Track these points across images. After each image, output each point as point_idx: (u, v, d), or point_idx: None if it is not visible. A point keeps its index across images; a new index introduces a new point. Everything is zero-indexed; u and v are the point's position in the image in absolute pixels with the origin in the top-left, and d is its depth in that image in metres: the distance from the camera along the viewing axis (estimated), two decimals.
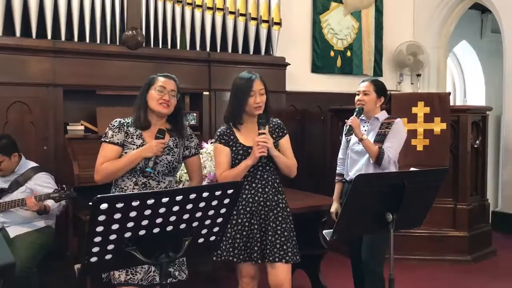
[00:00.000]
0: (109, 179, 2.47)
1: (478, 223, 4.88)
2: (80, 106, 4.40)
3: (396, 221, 2.08)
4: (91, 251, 1.49)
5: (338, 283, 4.05)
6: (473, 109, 5.00)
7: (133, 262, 1.58)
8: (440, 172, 2.17)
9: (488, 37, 7.92)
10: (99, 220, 1.44)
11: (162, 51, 4.65)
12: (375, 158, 2.95)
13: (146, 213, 1.50)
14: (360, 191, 1.95)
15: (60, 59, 4.13)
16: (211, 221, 1.69)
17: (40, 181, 3.49)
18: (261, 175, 2.61)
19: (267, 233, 2.57)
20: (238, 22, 5.05)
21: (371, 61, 6.38)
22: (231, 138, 2.61)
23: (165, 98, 2.49)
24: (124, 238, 1.52)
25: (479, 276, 4.40)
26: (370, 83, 3.10)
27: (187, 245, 1.64)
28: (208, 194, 1.60)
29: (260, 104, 2.56)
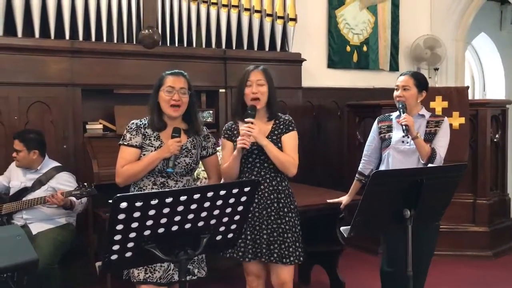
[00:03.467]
0: (130, 181, 2.49)
1: (498, 218, 4.83)
2: (98, 105, 4.46)
3: (414, 217, 2.06)
4: (112, 249, 1.51)
5: (356, 279, 4.05)
6: (492, 103, 4.92)
7: (153, 259, 1.60)
8: (458, 168, 2.14)
9: (507, 29, 7.78)
10: (119, 218, 1.46)
11: (178, 49, 4.68)
12: (427, 158, 2.79)
13: (164, 211, 1.52)
14: (378, 187, 1.94)
15: (78, 59, 4.18)
16: (228, 219, 1.70)
17: (63, 180, 3.55)
18: (264, 175, 2.58)
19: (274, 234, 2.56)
20: (254, 18, 5.05)
21: (387, 56, 6.33)
22: (234, 133, 2.62)
23: (175, 99, 2.47)
24: (143, 236, 1.54)
25: (500, 271, 4.34)
26: (410, 77, 2.89)
27: (205, 242, 1.66)
28: (225, 192, 1.62)
29: (257, 95, 2.51)
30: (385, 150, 3.00)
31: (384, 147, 3.01)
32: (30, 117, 3.99)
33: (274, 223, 2.57)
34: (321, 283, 3.92)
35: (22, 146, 3.46)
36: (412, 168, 2.70)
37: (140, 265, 2.19)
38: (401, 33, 6.43)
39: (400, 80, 2.93)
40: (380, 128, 3.05)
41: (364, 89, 6.03)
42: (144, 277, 2.39)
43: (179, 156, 2.48)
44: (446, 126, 2.95)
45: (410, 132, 2.77)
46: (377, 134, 3.07)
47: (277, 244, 2.55)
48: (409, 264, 2.10)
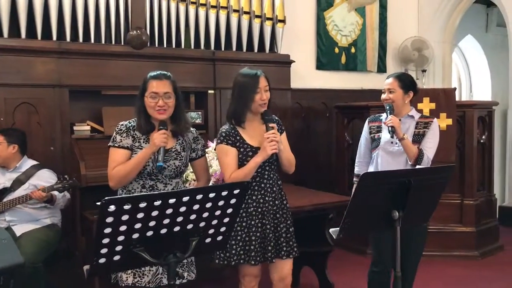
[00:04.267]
0: (123, 183, 2.44)
1: (485, 218, 4.88)
2: (86, 106, 4.43)
3: (402, 218, 2.07)
4: (100, 252, 1.50)
5: (345, 280, 4.06)
6: (479, 104, 4.97)
7: (141, 263, 1.59)
8: (446, 169, 2.16)
9: (493, 31, 7.87)
10: (107, 221, 1.45)
11: (167, 50, 4.66)
12: (414, 160, 2.82)
13: (153, 214, 1.51)
14: (366, 188, 1.95)
15: (65, 60, 4.15)
16: (218, 221, 1.70)
17: (44, 177, 3.54)
18: (268, 174, 2.61)
19: (280, 232, 2.59)
20: (242, 20, 5.05)
21: (375, 57, 6.37)
22: (237, 139, 2.57)
23: (159, 104, 2.43)
24: (132, 239, 1.53)
25: (487, 271, 4.39)
26: (395, 79, 2.94)
27: (194, 245, 1.65)
28: (215, 195, 1.61)
29: (266, 101, 2.54)
30: (374, 151, 3.03)
31: (373, 147, 3.04)
32: (16, 119, 3.95)
33: (278, 220, 2.59)
34: (310, 284, 3.93)
35: (2, 139, 3.47)
36: (401, 170, 2.72)
37: (128, 269, 2.18)
38: (389, 35, 6.47)
39: (386, 83, 2.99)
40: (370, 128, 3.09)
41: (353, 91, 6.06)
42: (132, 282, 2.37)
43: (169, 153, 2.45)
44: (435, 128, 2.97)
45: (396, 134, 2.80)
46: (368, 134, 3.10)
47: (283, 238, 2.58)
48: (397, 265, 2.11)
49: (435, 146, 2.96)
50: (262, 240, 2.56)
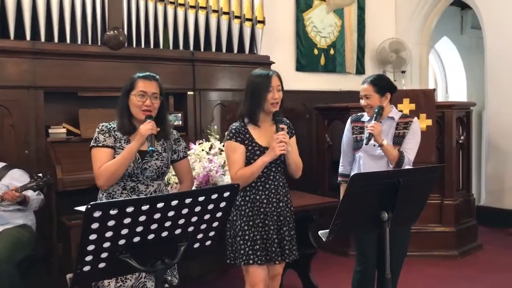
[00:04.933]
0: (112, 181, 2.36)
1: (464, 218, 4.92)
2: (62, 109, 4.31)
3: (391, 219, 2.05)
4: (84, 260, 1.43)
5: (329, 281, 4.04)
6: (457, 105, 5.03)
7: (128, 270, 1.52)
8: (434, 170, 2.15)
9: (468, 33, 8.01)
10: (92, 228, 1.38)
11: (145, 51, 4.57)
12: (396, 163, 2.82)
13: (140, 219, 1.45)
14: (356, 189, 1.92)
15: (40, 61, 4.03)
16: (207, 226, 1.64)
17: (15, 176, 3.42)
18: (274, 176, 2.60)
19: (283, 233, 2.57)
20: (222, 20, 5.00)
21: (353, 59, 6.39)
22: (246, 137, 2.55)
23: (147, 104, 2.40)
24: (118, 245, 1.46)
25: (467, 270, 4.43)
26: (369, 85, 2.92)
27: (182, 250, 1.59)
28: (204, 198, 1.56)
29: (278, 100, 2.54)
30: (357, 152, 3.01)
31: (356, 148, 3.02)
32: None
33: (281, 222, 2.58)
34: (294, 287, 3.89)
35: None
36: (390, 170, 2.72)
37: (114, 276, 2.10)
38: (367, 37, 6.51)
39: (361, 88, 2.97)
40: (353, 128, 3.07)
41: (332, 92, 6.06)
42: (115, 286, 2.30)
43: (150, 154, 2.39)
44: (415, 127, 2.95)
45: (375, 140, 2.78)
46: (350, 133, 3.08)
47: (286, 241, 2.57)
48: (387, 267, 2.08)
49: (416, 146, 2.95)
50: (265, 241, 2.54)
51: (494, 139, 5.78)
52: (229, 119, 4.91)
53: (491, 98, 5.83)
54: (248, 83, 2.61)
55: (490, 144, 5.84)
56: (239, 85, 5.08)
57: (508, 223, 5.56)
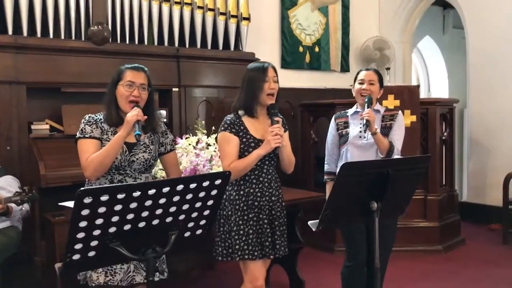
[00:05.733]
0: (100, 171, 2.31)
1: (447, 213, 4.98)
2: (44, 104, 4.24)
3: (380, 209, 2.06)
4: (74, 248, 1.40)
5: (315, 277, 4.05)
6: (441, 101, 5.09)
7: (118, 259, 1.50)
8: (423, 159, 2.17)
9: (450, 33, 8.13)
10: (82, 214, 1.35)
11: (129, 47, 4.53)
12: (386, 152, 2.84)
13: (132, 206, 1.43)
14: (346, 179, 1.92)
15: (22, 56, 3.96)
16: (198, 214, 1.62)
17: (4, 184, 3.33)
18: (267, 169, 2.58)
19: (275, 228, 2.56)
20: (207, 17, 4.98)
21: (338, 57, 6.42)
22: (241, 129, 2.53)
23: (134, 94, 2.38)
24: (108, 233, 1.44)
25: (450, 265, 4.48)
26: (375, 73, 2.94)
27: (173, 239, 1.57)
28: (196, 185, 1.54)
29: (274, 92, 2.54)
30: (343, 146, 3.02)
31: (342, 143, 3.03)
32: None
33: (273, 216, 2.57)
34: (280, 283, 3.88)
35: None
36: (380, 160, 2.73)
37: (104, 265, 2.07)
38: (351, 35, 6.55)
39: (365, 74, 2.96)
40: (337, 124, 3.08)
41: (316, 90, 6.09)
42: (104, 280, 2.27)
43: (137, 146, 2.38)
44: (400, 119, 3.02)
45: (370, 128, 2.79)
46: (335, 130, 3.09)
47: (277, 236, 2.56)
48: (376, 257, 2.09)
49: (402, 137, 3.01)
50: (259, 235, 2.52)
51: (476, 136, 5.87)
52: (214, 116, 4.90)
53: (473, 96, 5.91)
54: (244, 75, 2.60)
55: (472, 141, 5.93)
56: (224, 82, 5.07)
57: (489, 219, 5.64)
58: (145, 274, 2.35)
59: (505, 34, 5.52)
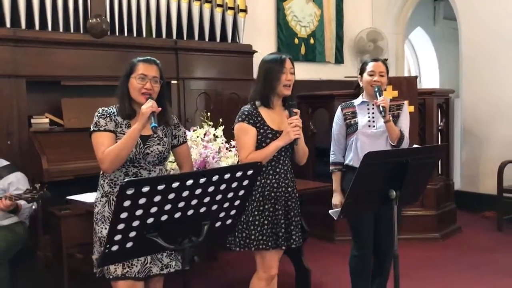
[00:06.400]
0: (117, 164, 2.31)
1: (444, 201, 5.07)
2: (44, 98, 4.21)
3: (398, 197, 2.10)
4: (113, 239, 1.41)
5: (318, 265, 4.10)
6: (438, 92, 5.16)
7: (153, 249, 1.52)
8: (440, 148, 2.23)
9: (440, 24, 8.21)
10: (124, 206, 1.36)
11: (128, 39, 4.52)
12: (398, 140, 2.88)
13: (170, 197, 1.44)
14: (368, 168, 1.96)
15: (21, 49, 3.92)
16: (229, 204, 1.64)
17: (14, 181, 3.30)
18: (283, 160, 2.59)
19: (291, 219, 2.58)
20: (204, 9, 4.97)
21: (332, 48, 6.46)
22: (258, 120, 2.53)
23: (147, 87, 2.37)
24: (146, 224, 1.45)
25: (448, 252, 4.57)
26: (383, 64, 2.98)
27: (206, 229, 1.59)
28: (230, 176, 1.56)
29: (290, 83, 2.54)
30: (351, 136, 3.02)
31: (350, 133, 3.04)
32: None
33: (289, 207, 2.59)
34: (286, 271, 3.92)
35: None
36: (400, 149, 2.77)
37: (139, 256, 2.08)
38: (345, 26, 6.58)
39: (375, 65, 2.97)
40: (345, 114, 3.08)
41: (312, 81, 6.11)
42: (122, 273, 2.27)
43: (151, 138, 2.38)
44: (406, 109, 3.08)
45: (384, 115, 2.82)
46: (342, 121, 3.08)
47: (293, 226, 2.58)
48: (395, 244, 2.14)
49: (408, 126, 3.06)
50: (274, 226, 2.53)
51: (469, 125, 5.97)
52: (213, 108, 4.90)
53: (466, 86, 6.00)
54: (261, 66, 2.60)
55: (465, 131, 6.03)
56: (222, 74, 5.07)
57: (483, 207, 5.75)
58: (160, 266, 2.39)
59: (498, 25, 5.61)
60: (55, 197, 3.54)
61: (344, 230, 4.69)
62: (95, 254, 2.39)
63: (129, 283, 2.30)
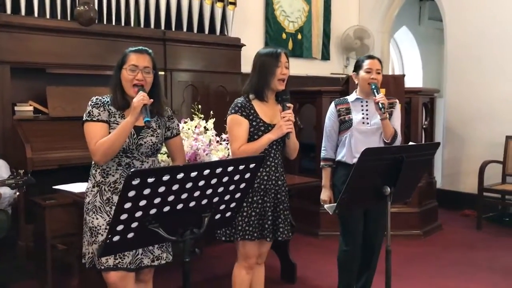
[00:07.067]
0: (109, 156, 2.28)
1: (426, 199, 5.14)
2: (28, 85, 4.14)
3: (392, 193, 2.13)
4: (115, 229, 1.39)
5: (304, 260, 4.13)
6: (424, 91, 5.22)
7: (153, 240, 1.50)
8: (434, 146, 2.25)
9: (425, 24, 8.30)
10: (129, 196, 1.34)
11: (116, 28, 4.45)
12: (392, 137, 2.92)
13: (174, 188, 1.43)
14: (365, 164, 1.97)
15: (6, 34, 3.84)
16: (230, 196, 1.64)
17: None
18: (275, 153, 2.60)
19: (279, 212, 2.59)
20: (193, 0, 4.93)
21: (319, 45, 6.48)
22: (251, 112, 2.54)
23: (138, 78, 2.33)
24: (148, 215, 1.43)
25: (430, 248, 4.65)
26: (379, 62, 3.02)
27: (207, 221, 1.58)
28: (232, 168, 1.55)
29: (285, 77, 2.56)
30: (345, 132, 3.03)
31: (343, 129, 3.04)
32: None
33: (278, 200, 2.60)
34: (272, 266, 3.93)
35: None
36: (396, 146, 2.80)
37: (139, 247, 2.05)
38: (333, 23, 6.61)
39: (372, 63, 2.98)
40: (339, 111, 3.07)
41: (298, 77, 6.11)
42: (114, 263, 2.24)
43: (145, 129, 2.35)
44: (398, 108, 3.12)
45: (384, 111, 2.84)
46: (335, 117, 3.08)
47: (281, 219, 2.59)
48: (388, 239, 2.16)
49: (400, 124, 3.10)
50: (261, 217, 2.55)
51: (452, 124, 6.06)
52: (200, 100, 4.86)
53: (450, 85, 6.08)
54: (256, 59, 2.60)
55: (447, 130, 6.12)
56: (210, 67, 5.04)
57: (463, 205, 5.86)
58: (152, 257, 2.37)
59: (483, 26, 5.70)
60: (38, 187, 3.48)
61: (328, 225, 4.74)
62: (85, 244, 2.35)
63: (120, 273, 2.27)
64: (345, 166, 2.95)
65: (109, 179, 2.33)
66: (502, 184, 5.39)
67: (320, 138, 3.32)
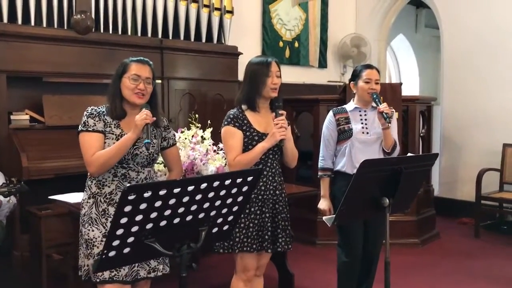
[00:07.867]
0: (104, 170, 2.27)
1: (424, 208, 5.13)
2: (25, 94, 4.12)
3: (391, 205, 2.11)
4: (111, 244, 1.37)
5: (302, 269, 4.10)
6: (421, 99, 5.23)
7: (150, 255, 1.48)
8: (432, 157, 2.24)
9: (422, 32, 8.34)
10: (125, 211, 1.32)
11: (113, 37, 4.45)
12: (392, 147, 2.90)
13: (170, 202, 1.41)
14: (365, 175, 1.96)
15: (3, 43, 3.84)
16: (227, 210, 1.62)
17: None
18: (271, 163, 2.58)
19: (278, 222, 2.56)
20: (191, 8, 4.93)
21: (316, 53, 6.48)
22: (244, 123, 2.53)
23: (140, 88, 2.33)
24: (145, 230, 1.41)
25: (428, 257, 4.63)
26: (377, 72, 3.01)
27: (204, 235, 1.56)
28: (230, 182, 1.53)
29: (277, 86, 2.54)
30: (344, 142, 2.99)
31: (343, 139, 3.00)
32: None
33: (277, 210, 2.58)
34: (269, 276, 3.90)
35: None
36: (395, 157, 2.79)
37: (135, 262, 2.03)
38: (330, 31, 6.62)
39: (371, 73, 2.95)
40: (338, 120, 3.04)
41: (295, 85, 6.12)
42: (110, 276, 2.22)
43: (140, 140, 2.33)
44: (395, 117, 3.10)
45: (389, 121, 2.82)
46: (334, 126, 3.04)
47: (280, 230, 2.56)
48: (387, 251, 2.14)
49: (397, 134, 3.09)
50: (260, 228, 2.52)
51: (448, 132, 6.06)
52: (197, 109, 4.85)
53: (446, 93, 6.09)
54: (247, 69, 2.59)
55: (444, 138, 6.12)
56: (207, 75, 5.04)
57: (461, 213, 5.85)
58: (148, 269, 2.34)
59: (479, 34, 5.71)
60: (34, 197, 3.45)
61: (325, 234, 4.72)
62: (81, 257, 2.33)
63: (116, 286, 2.25)
64: (345, 176, 2.92)
65: (105, 190, 2.31)
66: (499, 192, 5.38)
67: (318, 147, 3.30)
